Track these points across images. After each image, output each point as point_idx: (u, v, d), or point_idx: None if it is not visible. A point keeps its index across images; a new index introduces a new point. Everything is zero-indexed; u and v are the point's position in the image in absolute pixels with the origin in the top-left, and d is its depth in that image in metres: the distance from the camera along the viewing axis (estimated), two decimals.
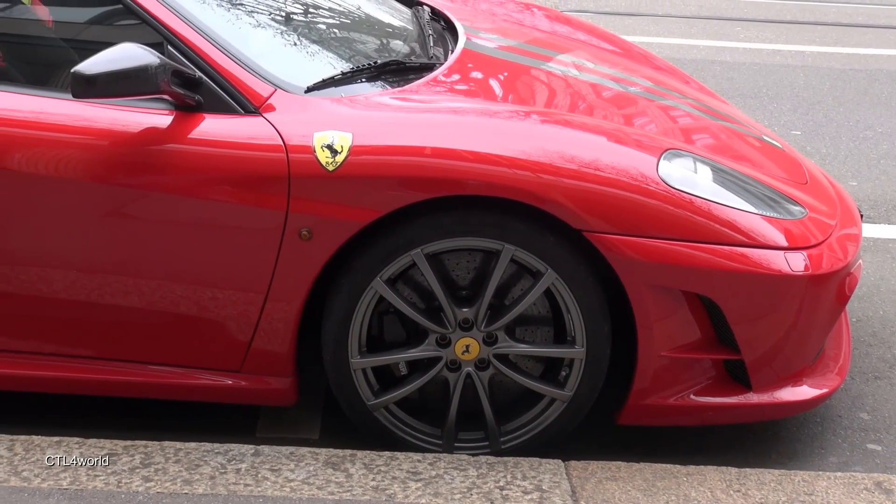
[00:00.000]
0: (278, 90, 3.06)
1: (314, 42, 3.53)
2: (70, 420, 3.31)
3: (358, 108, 3.09)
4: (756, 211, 3.13)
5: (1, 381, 3.16)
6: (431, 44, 3.69)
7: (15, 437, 2.99)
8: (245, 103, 3.02)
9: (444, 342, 3.09)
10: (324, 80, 3.18)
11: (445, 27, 4.02)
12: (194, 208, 2.99)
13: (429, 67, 3.46)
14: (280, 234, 2.96)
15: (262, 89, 3.05)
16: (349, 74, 3.26)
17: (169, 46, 3.04)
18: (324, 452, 3.01)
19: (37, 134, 3.01)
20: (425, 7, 4.17)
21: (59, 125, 3.02)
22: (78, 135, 3.01)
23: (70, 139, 3.00)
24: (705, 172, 3.18)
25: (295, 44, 3.45)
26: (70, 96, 3.00)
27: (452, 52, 3.68)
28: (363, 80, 3.29)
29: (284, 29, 3.48)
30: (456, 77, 3.49)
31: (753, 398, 3.13)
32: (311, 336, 3.15)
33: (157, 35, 3.07)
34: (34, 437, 2.99)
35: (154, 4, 3.08)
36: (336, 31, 3.71)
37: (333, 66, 3.35)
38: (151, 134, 3.00)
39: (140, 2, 3.08)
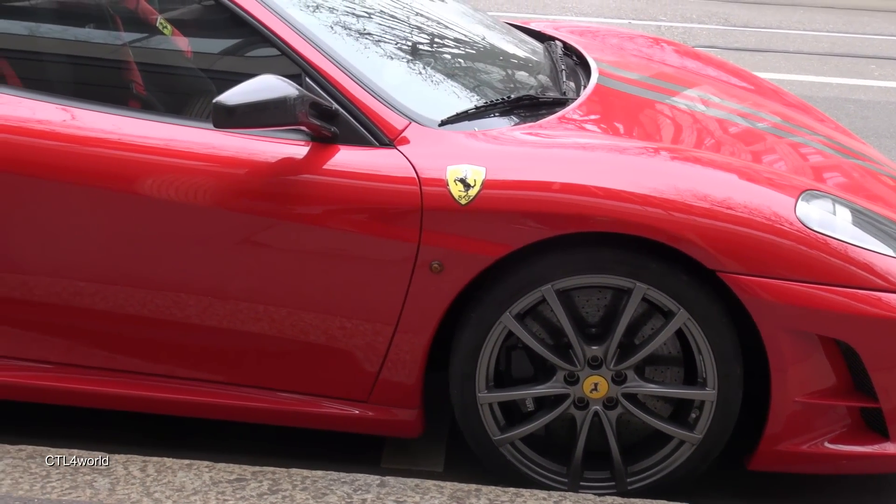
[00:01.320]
0: (413, 123, 3.09)
1: (447, 75, 3.55)
2: (200, 443, 3.36)
3: (491, 143, 3.10)
4: (894, 254, 3.04)
5: (136, 402, 3.23)
6: (564, 79, 3.69)
7: (147, 458, 3.04)
8: (380, 136, 3.05)
9: (572, 379, 3.07)
10: (457, 114, 3.20)
11: (577, 62, 4.01)
12: (327, 238, 3.02)
13: (561, 102, 3.45)
14: (411, 266, 2.97)
15: (398, 122, 3.07)
16: (482, 109, 3.27)
17: (307, 78, 3.09)
18: (448, 486, 3.00)
19: (170, 161, 3.07)
20: (557, 42, 4.17)
21: (192, 153, 3.08)
22: (211, 163, 3.06)
23: (203, 167, 3.06)
24: (844, 214, 3.10)
25: (428, 76, 3.48)
26: (205, 125, 3.08)
27: (585, 87, 3.66)
28: (496, 114, 3.29)
29: (418, 61, 3.51)
30: (588, 113, 3.47)
31: (891, 448, 3.03)
32: (438, 368, 3.15)
33: (296, 67, 3.11)
34: (166, 459, 3.04)
35: (294, 37, 3.14)
36: (468, 63, 3.73)
37: (466, 99, 3.36)
38: (287, 164, 3.04)
39: (280, 34, 3.14)
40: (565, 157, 3.09)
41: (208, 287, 3.13)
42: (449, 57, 3.71)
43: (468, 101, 3.34)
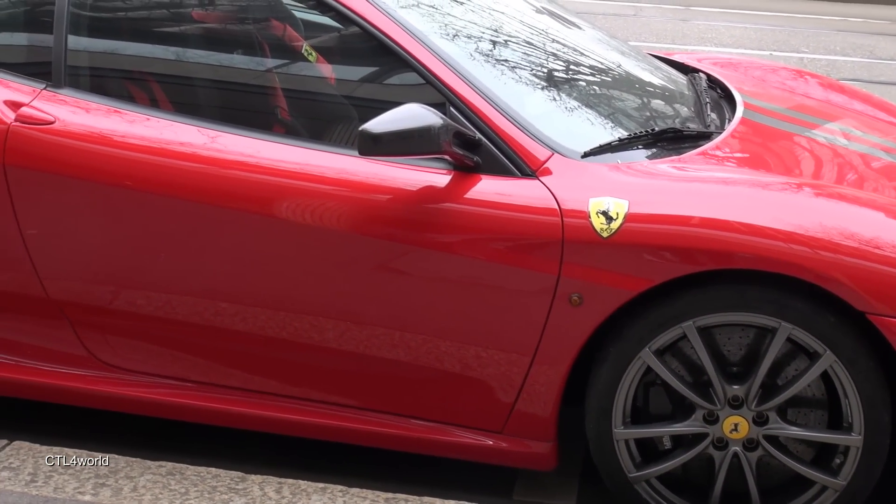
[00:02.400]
0: (555, 154, 3.07)
1: (588, 104, 3.52)
2: (332, 467, 3.38)
3: (634, 176, 3.06)
4: None
5: (272, 423, 3.27)
6: (708, 111, 3.63)
7: (283, 479, 3.07)
8: (522, 166, 3.04)
9: (711, 419, 3.00)
10: (600, 146, 3.17)
11: (722, 95, 3.95)
12: (465, 267, 3.02)
13: (705, 136, 3.40)
14: (550, 297, 2.95)
15: (540, 153, 3.06)
16: (626, 141, 3.24)
17: (451, 107, 3.09)
18: None
19: (305, 185, 3.10)
20: (701, 74, 4.11)
21: (328, 178, 3.10)
22: (348, 188, 3.08)
23: (339, 192, 3.08)
24: None
25: (570, 106, 3.45)
26: (342, 150, 3.12)
27: (729, 120, 3.61)
28: (639, 146, 3.26)
29: (559, 90, 3.49)
30: (732, 147, 3.41)
31: None
32: (573, 401, 3.12)
33: (440, 95, 3.13)
34: (301, 481, 3.07)
35: (439, 66, 3.15)
36: (610, 93, 3.70)
37: (609, 130, 3.33)
38: (428, 192, 3.05)
39: (425, 63, 3.16)
40: (709, 191, 3.04)
41: (345, 312, 3.15)
42: (590, 86, 3.68)
43: (610, 132, 3.31)
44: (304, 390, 3.26)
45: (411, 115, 2.94)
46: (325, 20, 3.52)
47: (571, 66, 3.73)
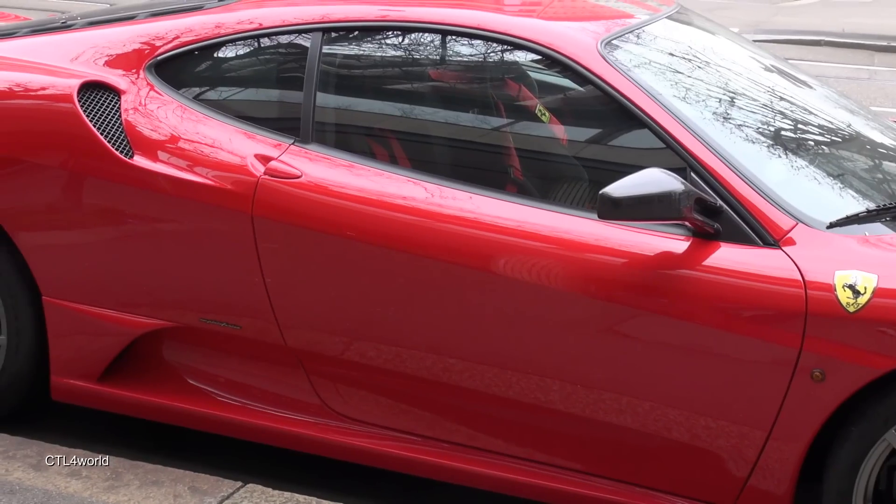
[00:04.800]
0: (799, 224, 2.99)
1: (832, 172, 3.41)
2: None
3: (884, 250, 2.95)
4: None
5: (493, 482, 3.25)
6: None
7: None
8: (764, 235, 2.97)
9: None
10: (847, 217, 3.07)
11: None
12: (700, 335, 2.96)
13: None
14: (790, 371, 2.86)
15: (783, 222, 2.98)
16: (874, 213, 3.13)
17: (691, 173, 3.05)
18: None
19: (524, 243, 3.11)
20: None
21: (545, 237, 3.10)
22: (570, 249, 3.06)
23: (559, 252, 3.07)
24: None
25: (812, 173, 3.36)
26: (561, 209, 3.13)
27: None
28: (887, 218, 3.13)
29: (800, 156, 3.40)
30: None
31: None
32: (807, 478, 3.00)
33: (678, 160, 3.09)
34: None
35: (679, 129, 3.12)
36: (852, 160, 3.57)
37: (855, 201, 3.21)
38: (665, 258, 3.00)
39: (666, 126, 3.12)
40: None
41: (570, 373, 3.13)
42: (831, 151, 3.57)
43: (856, 202, 3.20)
44: (528, 451, 3.24)
45: (652, 180, 2.90)
46: (559, 80, 3.53)
47: (809, 129, 3.63)
